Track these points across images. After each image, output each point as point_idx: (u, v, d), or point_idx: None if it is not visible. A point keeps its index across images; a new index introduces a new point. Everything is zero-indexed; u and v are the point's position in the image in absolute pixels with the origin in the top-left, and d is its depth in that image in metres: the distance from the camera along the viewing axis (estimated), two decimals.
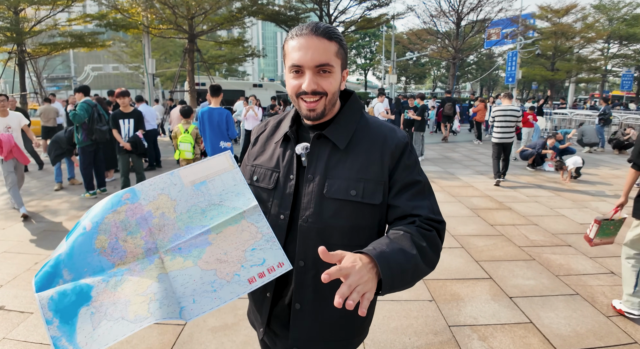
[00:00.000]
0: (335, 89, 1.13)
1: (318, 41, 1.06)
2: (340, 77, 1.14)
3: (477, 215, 5.68)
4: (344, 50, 1.13)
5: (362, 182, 1.13)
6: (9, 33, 15.06)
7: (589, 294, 3.48)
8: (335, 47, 1.09)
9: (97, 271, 1.00)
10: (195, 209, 1.12)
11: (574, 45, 28.53)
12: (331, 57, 1.08)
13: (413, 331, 2.90)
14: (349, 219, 1.13)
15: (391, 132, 1.19)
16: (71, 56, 37.02)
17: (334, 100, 1.16)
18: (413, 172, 1.17)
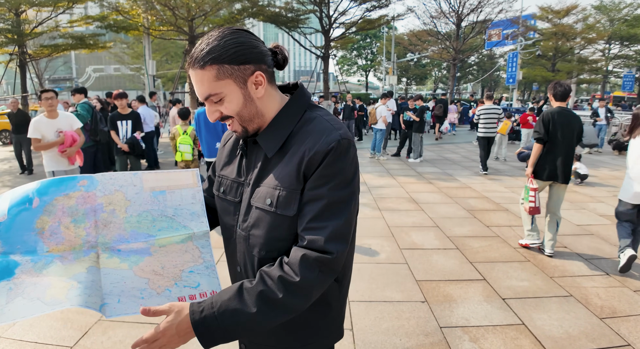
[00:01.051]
0: (237, 108, 1.04)
1: (196, 74, 1.01)
2: (239, 93, 1.03)
3: (474, 216, 5.67)
4: (229, 66, 0.99)
5: (278, 190, 1.04)
6: (10, 35, 15.10)
7: (583, 296, 3.47)
8: (213, 72, 0.99)
9: (30, 251, 0.99)
10: (146, 215, 1.11)
11: (575, 46, 28.49)
12: (212, 85, 1.00)
13: (404, 332, 2.90)
14: (266, 230, 1.07)
15: (321, 134, 1.03)
16: (72, 58, 37.18)
17: (250, 115, 1.06)
18: (325, 186, 1.00)
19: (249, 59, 1.01)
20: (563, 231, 5.07)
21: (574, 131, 4.27)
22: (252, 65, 1.02)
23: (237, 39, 1.01)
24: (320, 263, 0.97)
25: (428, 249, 4.50)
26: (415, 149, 10.47)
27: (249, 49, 1.01)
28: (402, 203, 6.37)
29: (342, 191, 1.01)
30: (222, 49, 0.99)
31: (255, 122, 1.09)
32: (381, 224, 5.31)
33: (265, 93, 1.07)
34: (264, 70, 1.04)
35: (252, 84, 1.04)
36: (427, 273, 3.89)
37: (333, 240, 0.98)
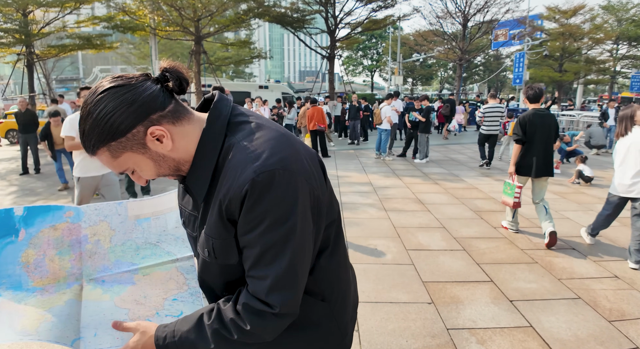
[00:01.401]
0: (154, 171, 0.93)
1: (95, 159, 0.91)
2: (144, 158, 0.90)
3: (480, 217, 5.63)
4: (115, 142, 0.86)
5: (212, 240, 0.93)
6: (18, 35, 15.24)
7: (592, 298, 3.43)
8: (106, 154, 0.88)
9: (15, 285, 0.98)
10: (130, 244, 1.10)
11: (582, 47, 28.27)
12: (115, 165, 0.90)
13: (410, 334, 2.88)
14: (216, 277, 1.00)
15: (234, 172, 0.87)
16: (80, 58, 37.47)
17: (172, 169, 0.95)
18: (253, 232, 0.87)
19: (131, 122, 0.85)
20: (571, 232, 5.03)
21: (550, 129, 4.65)
22: (139, 125, 0.86)
23: (104, 109, 0.83)
24: (263, 313, 0.90)
25: (434, 250, 4.47)
26: (422, 149, 10.43)
27: (125, 112, 0.84)
28: (408, 204, 6.34)
29: (275, 234, 0.87)
30: (96, 129, 0.84)
31: (183, 169, 0.97)
32: (387, 225, 5.28)
33: (176, 139, 0.91)
34: (158, 119, 0.88)
35: (154, 142, 0.89)
36: (433, 274, 3.86)
37: (274, 292, 0.88)
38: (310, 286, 1.01)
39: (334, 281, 1.09)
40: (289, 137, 0.95)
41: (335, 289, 1.09)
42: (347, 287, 1.16)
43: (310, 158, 0.97)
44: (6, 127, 15.53)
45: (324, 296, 1.06)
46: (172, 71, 0.91)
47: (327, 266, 1.05)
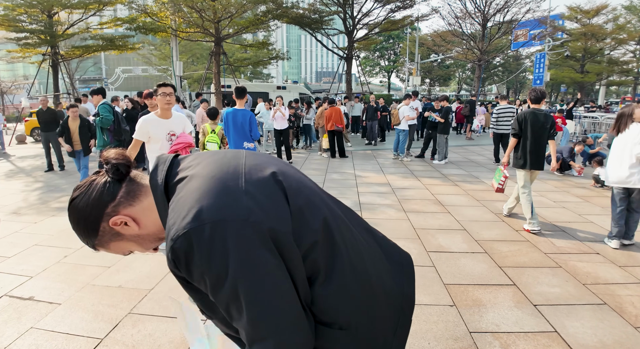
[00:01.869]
0: (141, 248, 1.04)
1: None
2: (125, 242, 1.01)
3: (502, 220, 5.57)
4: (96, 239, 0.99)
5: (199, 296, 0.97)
6: (43, 36, 15.64)
7: (617, 304, 3.36)
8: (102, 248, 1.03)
9: None
10: None
11: (605, 47, 27.71)
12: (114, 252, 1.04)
13: (432, 336, 2.87)
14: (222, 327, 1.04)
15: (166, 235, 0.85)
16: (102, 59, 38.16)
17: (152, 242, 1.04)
18: (205, 291, 0.88)
19: (93, 221, 0.96)
20: (595, 237, 4.93)
21: (545, 128, 5.12)
22: (102, 222, 0.96)
23: (74, 221, 0.99)
24: None
25: (455, 252, 4.44)
26: (440, 150, 10.35)
27: (86, 219, 0.96)
28: (428, 205, 6.30)
29: (223, 290, 0.83)
30: (80, 235, 1.00)
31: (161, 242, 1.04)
32: (406, 226, 5.27)
33: (139, 218, 0.98)
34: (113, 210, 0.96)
35: (123, 227, 0.98)
36: (455, 276, 3.84)
37: (253, 344, 0.85)
38: (319, 317, 0.95)
39: (343, 307, 0.97)
40: (221, 178, 0.88)
41: (349, 315, 0.98)
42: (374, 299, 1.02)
43: (258, 186, 0.89)
44: (32, 125, 15.94)
45: (340, 324, 0.96)
46: (108, 162, 0.97)
47: (327, 293, 0.94)
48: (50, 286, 3.63)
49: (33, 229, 5.25)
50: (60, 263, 4.15)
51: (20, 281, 3.75)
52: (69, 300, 3.38)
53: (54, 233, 5.06)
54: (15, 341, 2.80)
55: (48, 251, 4.47)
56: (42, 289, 3.59)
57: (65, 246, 4.60)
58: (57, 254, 4.37)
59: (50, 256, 4.32)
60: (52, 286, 3.63)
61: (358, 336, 0.98)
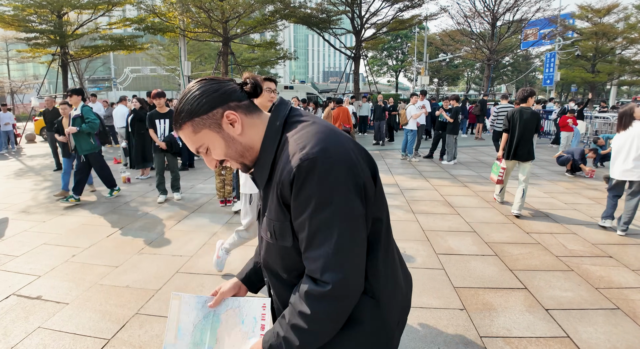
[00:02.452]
0: (224, 151, 1.10)
1: (179, 134, 1.10)
2: (218, 138, 1.08)
3: (512, 222, 5.49)
4: (198, 118, 1.06)
5: (272, 222, 1.08)
6: (53, 36, 15.74)
7: (631, 309, 3.29)
8: (189, 128, 1.07)
9: None
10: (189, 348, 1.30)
11: (616, 46, 27.32)
12: (194, 140, 1.08)
13: (442, 340, 2.82)
14: (278, 259, 1.12)
15: (286, 160, 1.00)
16: (111, 58, 38.40)
17: (238, 153, 1.11)
18: (302, 214, 0.98)
19: (213, 104, 1.06)
20: (608, 240, 4.85)
21: (532, 125, 5.69)
22: (219, 108, 1.07)
23: (195, 92, 1.06)
24: (322, 295, 0.98)
25: (465, 254, 4.38)
26: (449, 151, 10.27)
27: (210, 96, 1.06)
28: (437, 206, 6.24)
29: (322, 216, 0.96)
30: (189, 105, 1.06)
31: (247, 156, 1.12)
32: (415, 227, 5.21)
33: (245, 126, 1.10)
34: (233, 107, 1.08)
35: (227, 125, 1.08)
36: (465, 279, 3.78)
37: (327, 271, 0.97)
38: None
39: (383, 278, 1.12)
40: (336, 133, 1.05)
41: (385, 287, 1.13)
42: (398, 287, 1.19)
43: (359, 152, 1.06)
44: (41, 124, 16.09)
45: (373, 293, 1.10)
46: (251, 79, 1.12)
47: (377, 262, 1.10)
48: (58, 286, 3.64)
49: (42, 228, 5.27)
50: (68, 262, 4.15)
51: (28, 280, 3.76)
52: (76, 300, 3.38)
53: (62, 232, 5.08)
54: (22, 341, 2.80)
55: (56, 250, 4.48)
56: (50, 288, 3.59)
57: (74, 245, 4.61)
58: (66, 254, 4.38)
59: (58, 255, 4.33)
60: (60, 286, 3.64)
61: (380, 308, 1.11)
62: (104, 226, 5.34)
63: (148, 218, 5.68)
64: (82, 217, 5.71)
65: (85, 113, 6.19)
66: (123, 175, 7.98)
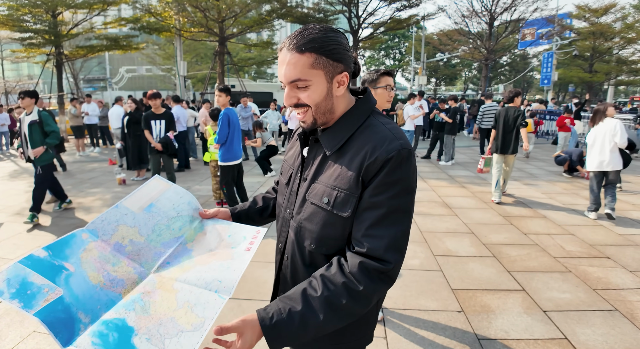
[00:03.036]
0: (318, 100, 1.09)
1: (290, 56, 1.04)
2: (324, 86, 1.08)
3: (510, 223, 5.48)
4: (326, 58, 1.05)
5: (336, 191, 1.08)
6: (48, 36, 15.63)
7: (629, 311, 3.28)
8: (310, 59, 1.04)
9: (109, 304, 0.96)
10: (159, 227, 1.17)
11: (614, 46, 27.35)
12: (304, 71, 1.05)
13: (440, 343, 2.81)
14: (319, 226, 1.12)
15: (382, 141, 1.06)
16: (107, 58, 38.14)
17: (325, 109, 1.12)
18: (384, 193, 1.03)
19: (342, 58, 1.08)
20: (605, 240, 4.85)
21: (514, 121, 6.41)
22: (343, 65, 1.09)
23: (338, 38, 1.07)
24: (379, 272, 1.01)
25: (463, 256, 4.36)
26: (447, 151, 10.26)
27: (345, 51, 1.08)
28: (435, 207, 6.22)
29: (402, 200, 1.04)
30: (324, 41, 1.05)
31: (326, 116, 1.14)
32: (413, 229, 5.19)
33: (343, 95, 1.14)
34: (349, 73, 1.12)
35: (337, 82, 1.10)
36: (462, 281, 3.77)
37: (391, 250, 1.02)
38: None
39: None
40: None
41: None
42: None
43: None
44: None
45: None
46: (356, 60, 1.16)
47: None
48: None
49: (37, 230, 5.23)
50: None
51: None
52: None
53: (58, 235, 5.03)
54: (17, 345, 2.77)
55: None
56: None
57: None
58: None
59: None
60: None
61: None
62: None
63: None
64: (77, 220, 5.67)
65: (45, 119, 5.46)
66: (118, 176, 7.93)
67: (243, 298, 3.45)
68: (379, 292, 1.03)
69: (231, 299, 3.41)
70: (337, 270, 1.03)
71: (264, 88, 21.12)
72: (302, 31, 1.06)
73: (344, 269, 1.03)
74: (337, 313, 1.00)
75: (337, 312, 1.00)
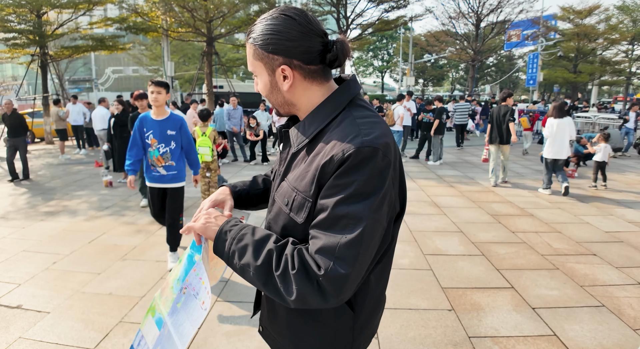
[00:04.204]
0: (265, 92, 1.06)
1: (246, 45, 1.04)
2: (267, 79, 1.03)
3: (498, 221, 5.53)
4: (261, 50, 0.99)
5: (295, 193, 0.99)
6: (32, 36, 15.38)
7: (615, 306, 3.33)
8: (251, 50, 1.02)
9: None
10: None
11: (597, 47, 27.82)
12: (250, 61, 1.05)
13: (432, 342, 2.82)
14: (281, 228, 1.05)
15: (342, 138, 0.92)
16: (92, 59, 37.67)
17: (277, 102, 1.07)
18: (333, 196, 0.89)
19: (279, 50, 0.98)
20: (591, 238, 4.92)
21: (504, 117, 7.68)
22: (282, 57, 0.98)
23: (275, 26, 0.97)
24: (312, 274, 0.88)
25: (453, 255, 4.39)
26: (435, 151, 10.32)
27: (282, 41, 0.96)
28: (424, 207, 6.25)
29: (353, 206, 0.87)
30: (260, 32, 0.99)
31: (285, 109, 1.09)
32: (402, 228, 5.21)
33: (296, 87, 1.02)
34: (295, 66, 0.99)
35: (280, 76, 1.01)
36: (452, 279, 3.79)
37: (327, 255, 0.87)
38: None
39: (369, 296, 1.09)
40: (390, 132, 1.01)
41: (368, 301, 1.09)
42: (378, 311, 1.18)
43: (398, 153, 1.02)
44: None
45: (353, 306, 1.06)
46: (339, 44, 0.99)
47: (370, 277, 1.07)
48: (39, 294, 3.53)
49: (21, 234, 5.13)
50: (49, 270, 4.04)
51: (7, 288, 3.64)
52: (58, 308, 3.28)
53: (43, 239, 4.94)
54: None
55: (37, 257, 4.35)
56: (30, 297, 3.49)
57: (54, 252, 4.49)
58: (46, 261, 4.26)
59: (38, 263, 4.21)
60: (40, 294, 3.53)
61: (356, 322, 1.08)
62: (85, 231, 5.21)
63: (131, 223, 5.57)
64: (62, 223, 5.57)
65: None
66: (104, 179, 7.83)
67: (234, 300, 3.43)
68: (305, 295, 0.88)
69: (221, 302, 3.39)
70: (294, 246, 0.95)
71: (252, 89, 21.01)
72: (259, 21, 1.02)
73: (297, 250, 0.93)
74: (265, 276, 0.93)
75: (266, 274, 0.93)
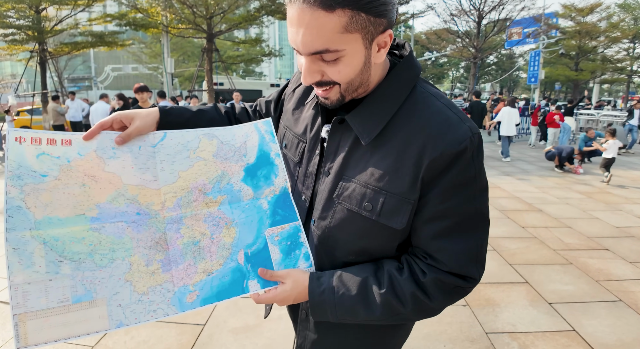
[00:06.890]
0: (351, 76, 0.78)
1: (311, 15, 0.68)
2: (362, 55, 0.76)
3: (507, 216, 5.43)
4: (365, 15, 0.70)
5: (383, 195, 0.80)
6: (31, 32, 15.26)
7: (633, 301, 3.24)
8: (344, 20, 0.69)
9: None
10: None
11: (599, 45, 27.78)
12: (334, 38, 0.71)
13: (448, 338, 2.71)
14: (357, 237, 0.86)
15: (445, 126, 0.77)
16: (92, 57, 37.56)
17: (358, 84, 0.80)
18: (458, 197, 0.79)
19: (386, 12, 0.73)
20: (602, 233, 4.83)
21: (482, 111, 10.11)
22: (386, 20, 0.74)
23: None
24: (460, 288, 0.85)
25: None
26: None
27: (390, 3, 0.74)
28: None
29: (479, 202, 0.81)
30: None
31: (358, 92, 0.83)
32: None
33: (376, 61, 0.80)
34: (384, 34, 0.77)
35: (377, 46, 0.76)
36: None
37: (473, 264, 0.83)
38: None
39: None
40: None
41: None
42: None
43: None
44: (18, 124, 15.62)
45: None
46: None
47: None
48: None
49: None
50: None
51: (4, 284, 3.54)
52: None
53: None
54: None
55: None
56: None
57: None
58: None
59: None
60: None
61: None
62: None
63: None
64: None
65: None
66: None
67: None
68: (447, 306, 0.88)
69: None
70: (408, 276, 0.83)
71: (253, 86, 20.96)
72: None
73: (417, 278, 0.83)
74: (392, 317, 0.85)
75: (393, 316, 0.85)
